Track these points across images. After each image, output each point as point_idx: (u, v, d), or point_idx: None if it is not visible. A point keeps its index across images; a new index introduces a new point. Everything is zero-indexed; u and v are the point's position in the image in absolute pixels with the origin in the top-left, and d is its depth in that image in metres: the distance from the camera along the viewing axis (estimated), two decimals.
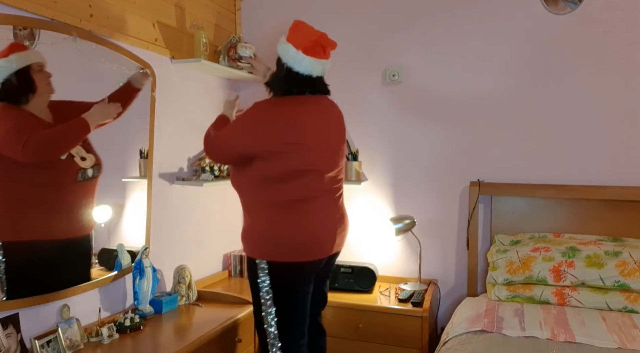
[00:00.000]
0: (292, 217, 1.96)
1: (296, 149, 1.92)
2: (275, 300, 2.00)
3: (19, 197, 1.78)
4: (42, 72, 1.83)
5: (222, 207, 3.14)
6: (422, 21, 2.97)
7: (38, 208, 1.84)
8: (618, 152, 2.67)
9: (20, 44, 1.77)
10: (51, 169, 1.88)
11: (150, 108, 2.45)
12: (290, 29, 2.01)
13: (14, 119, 1.74)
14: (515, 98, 2.81)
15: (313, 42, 1.96)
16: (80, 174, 1.97)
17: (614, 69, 2.66)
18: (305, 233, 1.98)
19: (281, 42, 2.02)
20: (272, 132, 1.91)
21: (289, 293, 2.02)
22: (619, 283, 2.34)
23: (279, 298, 2.00)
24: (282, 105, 1.99)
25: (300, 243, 1.97)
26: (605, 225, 2.64)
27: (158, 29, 2.52)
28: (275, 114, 1.95)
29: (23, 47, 1.78)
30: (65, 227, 1.98)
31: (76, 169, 1.96)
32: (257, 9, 3.29)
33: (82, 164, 1.98)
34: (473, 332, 2.15)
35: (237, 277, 3.14)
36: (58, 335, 1.89)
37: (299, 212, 1.97)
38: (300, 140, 1.92)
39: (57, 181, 1.91)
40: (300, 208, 1.97)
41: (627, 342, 1.98)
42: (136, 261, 2.29)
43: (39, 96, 1.83)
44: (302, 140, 1.93)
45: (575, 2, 2.69)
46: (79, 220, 2.05)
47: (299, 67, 1.97)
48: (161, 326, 2.24)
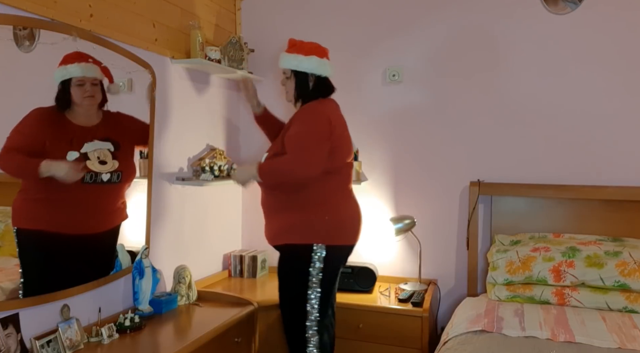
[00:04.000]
0: (345, 203, 2.26)
1: (343, 143, 2.25)
2: (322, 282, 2.17)
3: (33, 189, 1.91)
4: (81, 87, 2.02)
5: (222, 207, 3.14)
6: (422, 21, 2.97)
7: (48, 202, 1.95)
8: (618, 152, 2.67)
9: (84, 55, 2.02)
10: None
11: (150, 108, 2.45)
12: (298, 46, 2.26)
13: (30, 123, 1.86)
14: (515, 97, 2.81)
15: (321, 49, 2.29)
16: (89, 176, 2.02)
17: (614, 68, 2.66)
18: (355, 217, 2.29)
19: (299, 58, 2.24)
20: (333, 129, 2.17)
21: (335, 275, 2.25)
22: (619, 283, 2.34)
23: (326, 280, 2.18)
24: (325, 104, 2.26)
25: (352, 227, 2.26)
26: (605, 225, 2.64)
27: (158, 29, 2.52)
28: (327, 112, 2.21)
29: (84, 59, 2.01)
30: (76, 223, 2.05)
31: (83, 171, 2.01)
32: (257, 9, 3.29)
33: (95, 167, 2.05)
34: (473, 332, 2.15)
35: (237, 277, 3.14)
36: (58, 335, 1.89)
37: (349, 199, 2.30)
38: (343, 135, 2.27)
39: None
40: (349, 196, 2.30)
41: (627, 342, 1.98)
42: (136, 261, 2.29)
43: (78, 107, 2.03)
44: (344, 134, 2.28)
45: (575, 2, 2.69)
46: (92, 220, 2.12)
47: (326, 72, 2.28)
48: (161, 326, 2.24)
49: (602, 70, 2.68)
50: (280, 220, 2.25)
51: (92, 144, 2.06)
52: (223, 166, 2.85)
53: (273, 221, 2.29)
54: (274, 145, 2.31)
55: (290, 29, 3.17)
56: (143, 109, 2.42)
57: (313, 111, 2.22)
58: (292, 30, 3.16)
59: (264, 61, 3.22)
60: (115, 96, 2.18)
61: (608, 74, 2.67)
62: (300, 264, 2.18)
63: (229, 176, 2.91)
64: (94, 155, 2.05)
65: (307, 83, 2.28)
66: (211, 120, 3.03)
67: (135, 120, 2.35)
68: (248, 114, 3.33)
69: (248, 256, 3.13)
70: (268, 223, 2.33)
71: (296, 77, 2.28)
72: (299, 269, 2.18)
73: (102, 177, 2.06)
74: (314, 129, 2.15)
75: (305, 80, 2.27)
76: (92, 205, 2.09)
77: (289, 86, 2.31)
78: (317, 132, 2.15)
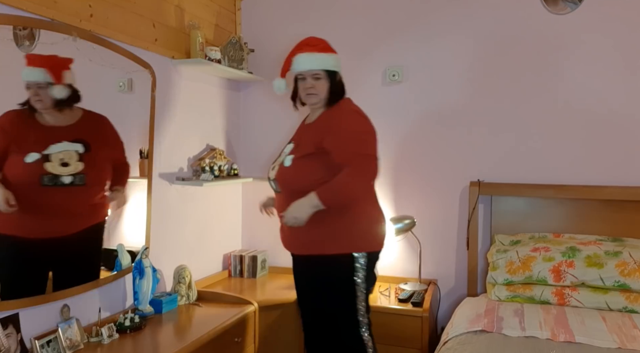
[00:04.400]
0: (377, 206, 2.20)
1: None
2: (367, 289, 2.13)
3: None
4: (30, 90, 1.93)
5: (222, 207, 3.14)
6: (422, 21, 2.97)
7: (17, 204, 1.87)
8: (618, 152, 2.67)
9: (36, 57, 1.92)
10: (14, 168, 1.88)
11: (150, 108, 2.45)
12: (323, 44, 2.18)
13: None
14: (515, 98, 2.81)
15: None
16: (47, 178, 1.94)
17: (613, 68, 2.66)
18: (384, 220, 2.22)
19: (332, 57, 2.17)
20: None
21: (375, 278, 2.19)
22: (619, 283, 2.34)
23: (370, 286, 2.15)
24: (353, 103, 2.21)
25: (383, 230, 2.20)
26: (605, 225, 2.64)
27: (158, 29, 2.52)
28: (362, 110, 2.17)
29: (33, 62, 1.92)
30: (42, 227, 1.97)
31: (39, 173, 1.91)
32: (257, 9, 3.29)
33: (54, 170, 1.96)
34: (473, 332, 2.15)
35: (237, 277, 3.14)
36: (58, 335, 1.89)
37: (377, 201, 2.22)
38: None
39: (20, 181, 1.89)
40: (377, 198, 2.22)
41: (627, 342, 1.98)
42: (136, 261, 2.29)
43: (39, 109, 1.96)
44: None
45: (575, 2, 2.69)
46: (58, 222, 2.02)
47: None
48: (161, 326, 2.24)
49: (601, 70, 2.67)
50: (312, 229, 2.06)
51: (59, 145, 1.97)
52: (223, 166, 2.85)
53: (301, 230, 2.07)
54: (300, 147, 2.14)
55: (290, 29, 3.18)
56: (143, 108, 2.42)
57: (356, 111, 2.13)
58: (292, 30, 3.17)
59: (264, 61, 3.22)
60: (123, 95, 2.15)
61: (607, 74, 2.67)
62: (344, 275, 2.08)
63: (229, 176, 2.91)
64: (58, 157, 1.96)
65: (340, 82, 2.20)
66: (211, 120, 3.02)
67: (113, 133, 2.23)
68: (248, 114, 3.34)
69: (248, 256, 3.13)
70: (293, 231, 2.12)
71: (330, 77, 2.15)
72: (344, 280, 2.08)
73: (62, 179, 1.97)
74: (367, 129, 2.08)
75: (339, 79, 2.19)
76: (55, 208, 1.99)
77: (319, 88, 2.14)
78: (370, 132, 2.08)
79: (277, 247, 3.19)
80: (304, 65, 2.14)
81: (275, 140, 3.22)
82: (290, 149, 2.20)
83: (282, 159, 2.18)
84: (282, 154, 2.23)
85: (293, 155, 2.12)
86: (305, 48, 2.16)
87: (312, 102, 2.18)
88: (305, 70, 2.14)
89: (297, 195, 2.05)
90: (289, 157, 2.13)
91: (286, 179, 2.13)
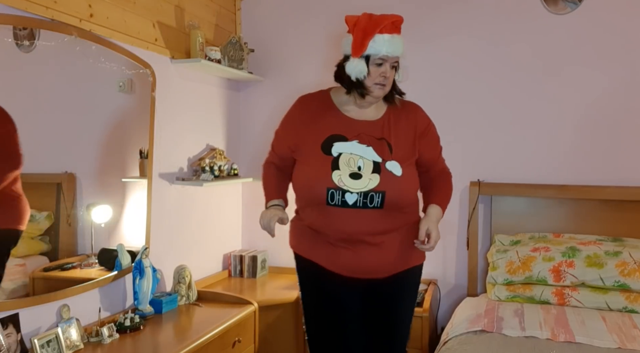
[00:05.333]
0: None
1: None
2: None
3: None
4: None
5: (222, 207, 3.14)
6: (422, 21, 2.96)
7: None
8: (618, 152, 2.67)
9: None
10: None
11: (150, 108, 2.45)
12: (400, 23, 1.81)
13: None
14: (515, 98, 2.81)
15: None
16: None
17: (613, 68, 2.66)
18: None
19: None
20: None
21: None
22: (619, 283, 2.34)
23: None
24: None
25: None
26: (605, 225, 2.64)
27: (158, 29, 2.52)
28: None
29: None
30: None
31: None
32: (257, 9, 3.29)
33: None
34: (473, 332, 2.15)
35: (237, 277, 3.13)
36: (58, 335, 1.88)
37: None
38: None
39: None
40: None
41: (627, 342, 1.98)
42: (136, 261, 2.29)
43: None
44: None
45: (575, 2, 2.69)
46: None
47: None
48: (161, 326, 2.24)
49: (601, 70, 2.68)
50: (401, 240, 1.81)
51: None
52: (223, 166, 2.85)
53: (393, 244, 1.79)
54: (399, 151, 1.78)
55: (290, 29, 3.18)
56: (143, 108, 2.42)
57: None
58: (292, 30, 3.17)
59: (264, 61, 3.22)
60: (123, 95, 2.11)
61: (607, 74, 2.67)
62: (417, 287, 1.97)
63: (229, 176, 2.91)
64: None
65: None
66: (211, 120, 3.02)
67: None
68: (248, 114, 3.33)
69: (248, 256, 3.13)
70: (384, 249, 1.79)
71: (397, 66, 1.82)
72: (416, 293, 1.97)
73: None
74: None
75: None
76: None
77: (391, 79, 1.81)
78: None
79: (277, 247, 3.21)
80: (388, 49, 1.72)
81: None
82: (371, 152, 1.75)
83: (360, 163, 1.73)
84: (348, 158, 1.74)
85: (398, 162, 1.74)
86: (391, 28, 1.75)
87: (379, 94, 1.79)
88: (390, 56, 1.73)
89: (400, 211, 1.79)
90: (395, 164, 1.74)
91: (402, 192, 1.76)
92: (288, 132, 1.91)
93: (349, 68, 1.75)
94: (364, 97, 1.79)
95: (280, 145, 1.96)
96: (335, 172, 1.72)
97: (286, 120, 1.95)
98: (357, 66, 1.74)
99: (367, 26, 1.74)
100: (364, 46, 1.72)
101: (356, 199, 1.71)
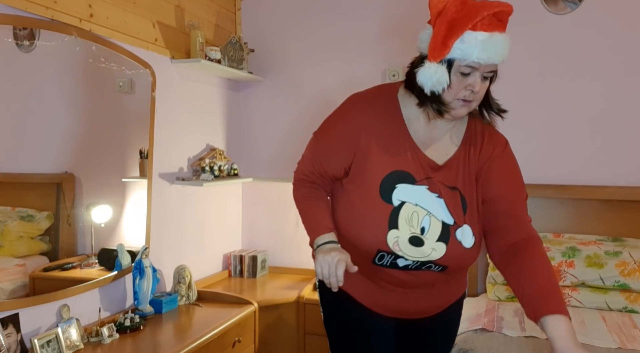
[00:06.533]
0: None
1: None
2: None
3: None
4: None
5: (222, 207, 3.14)
6: (423, 21, 2.96)
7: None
8: (618, 152, 2.67)
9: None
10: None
11: (150, 108, 2.45)
12: (507, 16, 1.28)
13: None
14: (515, 98, 2.81)
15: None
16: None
17: (613, 68, 2.66)
18: None
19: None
20: None
21: None
22: (619, 283, 2.34)
23: None
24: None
25: None
26: (605, 225, 2.64)
27: (158, 29, 2.52)
28: None
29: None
30: None
31: None
32: (257, 9, 3.29)
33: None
34: (473, 330, 2.14)
35: (237, 277, 3.13)
36: (58, 335, 1.88)
37: None
38: None
39: None
40: None
41: (627, 342, 1.98)
42: (136, 261, 2.29)
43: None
44: None
45: (575, 2, 2.69)
46: None
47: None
48: (161, 326, 2.24)
49: (601, 70, 2.67)
50: (456, 277, 1.54)
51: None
52: (223, 166, 2.85)
53: (446, 284, 1.50)
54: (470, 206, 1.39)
55: (290, 29, 3.18)
56: (143, 108, 2.42)
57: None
58: (292, 30, 3.17)
59: (264, 61, 3.22)
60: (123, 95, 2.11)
61: (607, 74, 2.67)
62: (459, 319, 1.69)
63: (229, 176, 2.91)
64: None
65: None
66: (211, 120, 3.02)
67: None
68: (248, 114, 3.34)
69: (248, 256, 3.13)
70: (437, 289, 1.49)
71: (493, 77, 1.39)
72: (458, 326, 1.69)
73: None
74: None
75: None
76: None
77: (482, 93, 1.36)
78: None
79: (277, 247, 3.22)
80: (482, 54, 1.25)
81: (275, 140, 3.22)
82: (442, 207, 1.35)
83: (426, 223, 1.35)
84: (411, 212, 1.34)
85: (471, 227, 1.37)
86: (490, 22, 1.23)
87: (462, 113, 1.34)
88: (484, 63, 1.27)
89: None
90: (467, 231, 1.36)
91: (467, 262, 1.43)
92: (348, 145, 1.38)
93: (423, 76, 1.28)
94: (442, 114, 1.33)
95: (331, 161, 1.43)
96: (392, 232, 1.33)
97: (343, 128, 1.40)
98: (434, 75, 1.27)
99: (457, 17, 1.24)
100: (447, 47, 1.24)
101: (410, 264, 1.36)
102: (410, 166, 1.35)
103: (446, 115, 1.33)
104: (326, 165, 1.43)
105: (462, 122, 1.43)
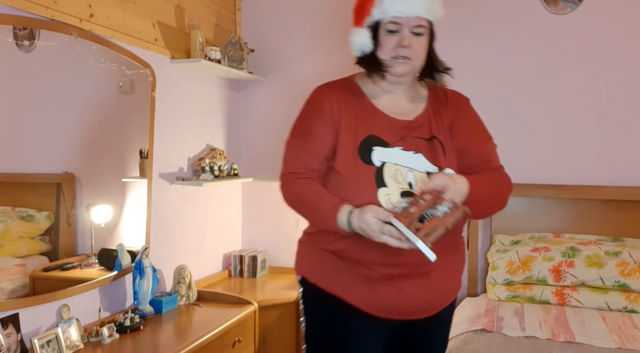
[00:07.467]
0: None
1: None
2: None
3: None
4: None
5: (222, 207, 3.14)
6: None
7: None
8: (618, 152, 2.67)
9: None
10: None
11: (150, 108, 2.45)
12: None
13: None
14: (515, 98, 2.81)
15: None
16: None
17: (613, 68, 2.66)
18: None
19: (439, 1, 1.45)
20: None
21: None
22: (619, 283, 2.34)
23: None
24: None
25: None
26: (605, 225, 2.64)
27: (158, 29, 2.52)
28: None
29: None
30: None
31: None
32: (257, 9, 3.29)
33: None
34: (473, 331, 2.15)
35: (237, 277, 3.13)
36: (58, 335, 1.88)
37: None
38: None
39: None
40: None
41: (627, 342, 1.98)
42: (136, 261, 2.29)
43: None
44: None
45: (575, 2, 2.69)
46: None
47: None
48: (161, 326, 2.24)
49: (601, 70, 2.68)
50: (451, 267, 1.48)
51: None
52: (223, 166, 2.85)
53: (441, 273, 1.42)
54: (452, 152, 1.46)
55: (290, 29, 3.18)
56: (143, 108, 2.42)
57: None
58: (292, 30, 3.17)
59: (264, 61, 3.22)
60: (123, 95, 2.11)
61: (607, 74, 2.67)
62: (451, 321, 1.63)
63: (229, 176, 2.91)
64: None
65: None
66: (211, 120, 3.02)
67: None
68: (248, 114, 3.33)
69: (248, 256, 3.13)
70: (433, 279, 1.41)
71: (431, 35, 1.45)
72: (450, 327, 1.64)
73: None
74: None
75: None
76: None
77: (418, 49, 1.40)
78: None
79: (277, 247, 3.22)
80: (401, 7, 1.34)
81: (275, 140, 3.21)
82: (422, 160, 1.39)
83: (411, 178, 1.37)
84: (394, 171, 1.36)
85: (453, 170, 1.41)
86: None
87: (402, 70, 1.40)
88: (407, 16, 1.34)
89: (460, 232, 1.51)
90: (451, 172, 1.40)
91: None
92: (325, 124, 1.41)
93: (352, 43, 1.40)
94: (384, 77, 1.41)
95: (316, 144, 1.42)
96: (382, 190, 1.32)
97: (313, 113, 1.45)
98: (360, 38, 1.39)
99: None
100: (365, 10, 1.36)
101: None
102: (382, 131, 1.40)
103: (387, 75, 1.41)
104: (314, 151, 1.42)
105: (421, 87, 1.52)
